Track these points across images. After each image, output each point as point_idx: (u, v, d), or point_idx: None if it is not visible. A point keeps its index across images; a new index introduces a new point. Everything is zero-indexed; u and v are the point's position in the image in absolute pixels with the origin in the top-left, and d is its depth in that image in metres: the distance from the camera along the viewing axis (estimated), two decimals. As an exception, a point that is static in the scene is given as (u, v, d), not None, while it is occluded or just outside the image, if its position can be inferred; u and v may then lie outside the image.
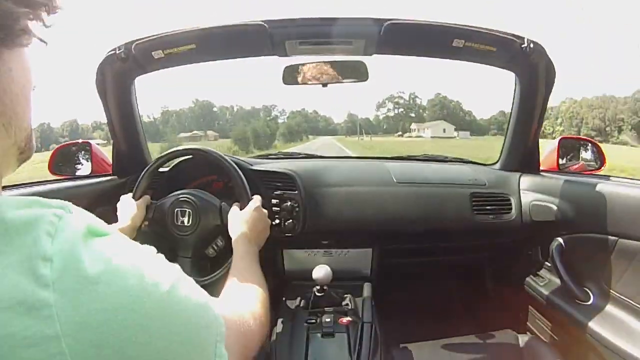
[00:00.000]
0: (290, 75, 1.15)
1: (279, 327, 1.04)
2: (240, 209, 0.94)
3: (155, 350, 0.33)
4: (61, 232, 0.31)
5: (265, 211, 0.96)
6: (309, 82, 1.15)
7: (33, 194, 0.98)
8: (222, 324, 0.41)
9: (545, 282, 1.17)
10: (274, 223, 1.14)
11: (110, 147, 1.31)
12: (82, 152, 1.32)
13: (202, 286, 0.41)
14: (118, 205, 1.00)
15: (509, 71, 1.18)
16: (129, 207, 0.98)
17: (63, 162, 1.28)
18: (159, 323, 0.33)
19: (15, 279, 0.29)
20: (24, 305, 0.28)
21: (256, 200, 0.96)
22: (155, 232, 1.01)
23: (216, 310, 0.41)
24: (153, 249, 0.38)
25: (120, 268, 0.32)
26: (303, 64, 1.15)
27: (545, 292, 1.13)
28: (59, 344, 0.28)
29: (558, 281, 1.08)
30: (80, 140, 1.34)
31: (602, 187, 0.95)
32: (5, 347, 0.27)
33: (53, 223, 0.31)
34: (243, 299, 0.63)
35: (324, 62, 1.14)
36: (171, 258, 0.39)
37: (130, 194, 1.02)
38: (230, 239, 0.89)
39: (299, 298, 1.16)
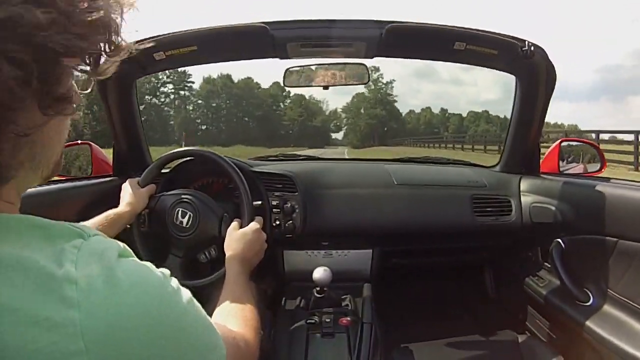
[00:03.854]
0: (292, 77, 1.16)
1: (279, 328, 1.05)
2: (240, 227, 0.93)
3: None
4: (84, 255, 0.33)
5: (264, 234, 0.95)
6: (310, 84, 1.15)
7: (33, 195, 0.98)
8: (223, 347, 0.42)
9: (545, 283, 1.17)
10: (274, 224, 1.14)
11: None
12: (83, 153, 1.31)
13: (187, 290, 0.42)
14: (122, 186, 1.01)
15: (510, 74, 1.18)
16: (132, 192, 0.99)
17: (63, 162, 1.28)
18: (174, 343, 0.35)
19: (41, 299, 0.30)
20: (50, 322, 0.29)
21: (257, 222, 0.95)
22: (151, 223, 1.01)
23: (218, 333, 0.43)
24: (167, 272, 0.39)
25: (145, 289, 0.34)
26: (304, 66, 1.16)
27: (545, 293, 1.14)
28: (83, 359, 0.30)
29: (558, 282, 1.08)
30: (79, 142, 1.33)
31: (602, 189, 0.96)
32: None
33: (75, 247, 0.33)
34: (236, 324, 0.63)
35: (325, 64, 1.14)
36: (163, 254, 0.40)
37: (137, 179, 1.02)
38: (223, 251, 0.89)
39: (299, 299, 1.16)
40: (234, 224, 0.95)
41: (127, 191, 1.00)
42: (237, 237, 0.90)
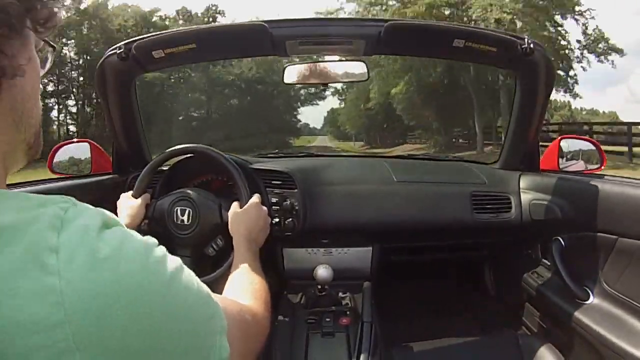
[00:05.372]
0: (291, 75, 1.16)
1: (279, 327, 1.05)
2: (240, 208, 0.94)
3: (157, 337, 0.33)
4: (67, 224, 0.32)
5: (265, 209, 0.96)
6: (309, 82, 1.15)
7: (32, 193, 0.99)
8: (222, 317, 0.41)
9: (544, 281, 1.17)
10: (273, 222, 1.14)
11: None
12: (82, 150, 1.32)
13: None
14: (117, 203, 1.00)
15: (509, 71, 1.18)
16: (128, 206, 0.98)
17: (62, 160, 1.28)
18: (160, 311, 0.34)
19: (22, 269, 0.29)
20: (30, 293, 0.29)
21: (256, 198, 0.96)
22: (154, 230, 1.01)
23: (217, 304, 0.42)
24: (155, 240, 0.38)
25: (126, 255, 0.33)
26: (303, 64, 1.16)
27: (545, 291, 1.14)
28: (64, 330, 0.29)
29: (557, 280, 1.08)
30: (75, 140, 1.34)
31: (602, 186, 0.96)
32: (12, 333, 0.28)
33: (58, 217, 0.32)
34: (243, 298, 0.63)
35: (325, 61, 1.14)
36: None
37: (130, 192, 1.02)
38: (230, 238, 0.89)
39: (299, 297, 1.17)
40: (234, 205, 0.95)
41: (122, 205, 0.99)
42: (239, 217, 0.91)
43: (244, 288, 0.68)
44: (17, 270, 0.29)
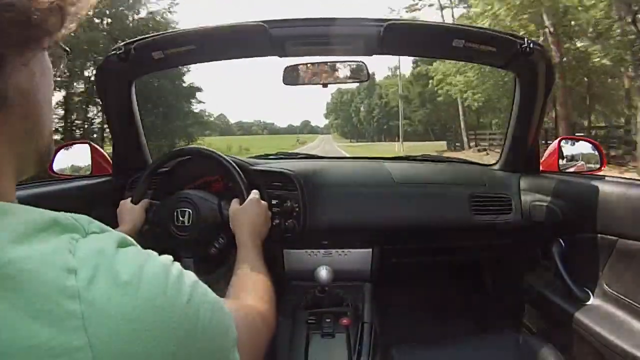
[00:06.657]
0: (291, 76, 1.16)
1: (279, 327, 1.05)
2: (240, 204, 0.94)
3: (179, 358, 0.33)
4: (83, 245, 0.32)
5: (265, 203, 0.97)
6: (309, 83, 1.15)
7: (33, 195, 0.99)
8: (234, 328, 0.41)
9: (545, 282, 1.17)
10: (274, 223, 1.14)
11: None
12: (82, 152, 1.32)
13: (205, 284, 0.41)
14: (117, 211, 1.01)
15: (509, 71, 1.18)
16: (128, 211, 0.99)
17: (63, 162, 1.28)
18: (182, 332, 0.33)
19: (40, 292, 0.29)
20: (51, 316, 0.28)
21: (255, 193, 0.96)
22: (155, 234, 1.01)
23: (230, 315, 0.41)
24: (170, 257, 0.38)
25: (146, 278, 0.33)
26: (303, 64, 1.16)
27: (545, 292, 1.14)
28: (87, 354, 0.28)
29: (558, 281, 1.08)
30: (72, 141, 1.34)
31: (603, 187, 0.95)
32: (32, 358, 0.27)
33: (73, 237, 0.32)
34: (250, 298, 0.64)
35: (324, 62, 1.14)
36: (173, 259, 0.39)
37: (129, 199, 1.02)
38: (232, 236, 0.90)
39: (299, 298, 1.16)
40: (234, 201, 0.96)
41: (123, 212, 0.99)
42: (240, 212, 0.92)
43: (250, 288, 0.68)
44: (37, 294, 0.29)
